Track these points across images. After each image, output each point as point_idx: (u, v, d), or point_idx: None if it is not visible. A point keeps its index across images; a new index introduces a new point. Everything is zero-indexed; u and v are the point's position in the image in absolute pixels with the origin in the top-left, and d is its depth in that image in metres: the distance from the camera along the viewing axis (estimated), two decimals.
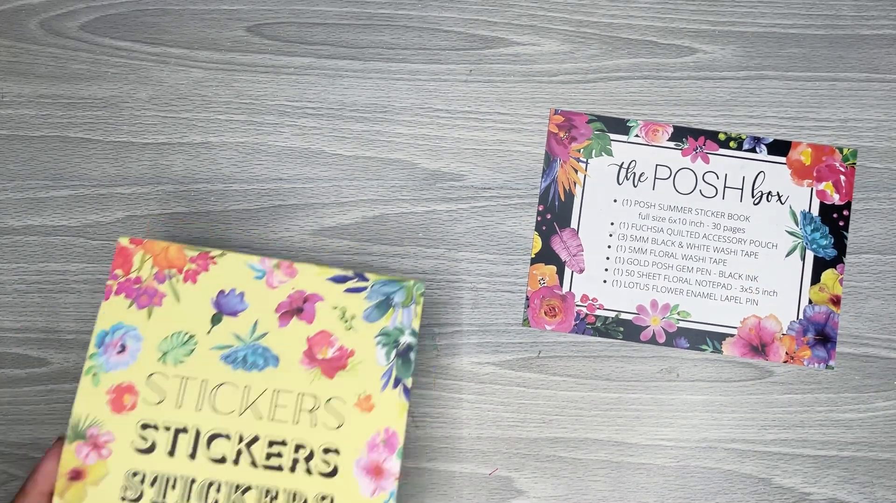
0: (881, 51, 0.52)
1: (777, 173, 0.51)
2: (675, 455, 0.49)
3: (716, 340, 0.49)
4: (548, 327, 0.49)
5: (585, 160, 0.51)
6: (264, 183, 0.51)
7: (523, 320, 0.50)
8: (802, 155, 0.51)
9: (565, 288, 0.50)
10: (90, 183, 0.51)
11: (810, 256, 0.50)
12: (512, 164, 0.51)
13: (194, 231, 0.50)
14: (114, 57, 0.52)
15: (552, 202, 0.51)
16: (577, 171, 0.51)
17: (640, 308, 0.50)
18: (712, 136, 0.51)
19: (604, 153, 0.51)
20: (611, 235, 0.50)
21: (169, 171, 0.51)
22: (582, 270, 0.50)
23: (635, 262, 0.50)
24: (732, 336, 0.49)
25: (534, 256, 0.50)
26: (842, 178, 0.51)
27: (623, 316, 0.50)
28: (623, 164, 0.51)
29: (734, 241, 0.50)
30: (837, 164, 0.51)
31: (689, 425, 0.49)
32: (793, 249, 0.50)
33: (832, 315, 0.50)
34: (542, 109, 0.51)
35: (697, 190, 0.51)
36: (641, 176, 0.51)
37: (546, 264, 0.50)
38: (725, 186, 0.51)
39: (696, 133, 0.51)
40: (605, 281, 0.50)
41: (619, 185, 0.51)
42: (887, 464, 0.48)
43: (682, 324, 0.49)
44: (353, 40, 0.52)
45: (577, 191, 0.51)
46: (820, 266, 0.50)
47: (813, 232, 0.50)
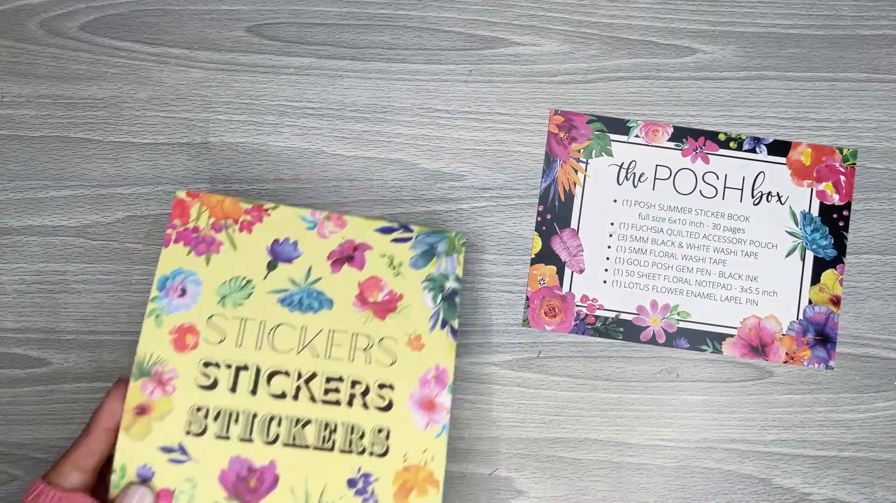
0: (881, 51, 0.52)
1: (777, 173, 0.51)
2: (674, 455, 0.49)
3: (716, 341, 0.49)
4: (548, 327, 0.49)
5: (585, 160, 0.51)
6: (264, 183, 0.51)
7: (523, 320, 0.50)
8: (802, 155, 0.51)
9: (565, 288, 0.50)
10: (90, 183, 0.51)
11: (810, 257, 0.50)
12: (512, 164, 0.51)
13: None
14: (114, 57, 0.52)
15: (552, 202, 0.51)
16: (577, 172, 0.51)
17: (640, 308, 0.50)
18: (712, 136, 0.51)
19: (604, 153, 0.51)
20: (611, 236, 0.50)
21: (169, 171, 0.51)
22: (582, 271, 0.50)
23: (635, 263, 0.50)
24: (732, 336, 0.49)
25: (534, 257, 0.50)
26: (842, 178, 0.51)
27: (623, 316, 0.50)
28: (623, 164, 0.51)
29: (734, 241, 0.50)
30: (837, 165, 0.51)
31: (689, 425, 0.49)
32: (793, 250, 0.50)
33: (832, 315, 0.50)
34: (542, 110, 0.51)
35: (697, 190, 0.51)
36: (641, 176, 0.51)
37: (546, 264, 0.50)
38: (725, 187, 0.51)
39: (696, 133, 0.51)
40: (605, 281, 0.50)
41: (619, 185, 0.51)
42: (887, 465, 0.48)
43: (682, 325, 0.49)
44: (353, 40, 0.52)
45: (577, 191, 0.51)
46: (820, 266, 0.50)
47: (813, 232, 0.50)
